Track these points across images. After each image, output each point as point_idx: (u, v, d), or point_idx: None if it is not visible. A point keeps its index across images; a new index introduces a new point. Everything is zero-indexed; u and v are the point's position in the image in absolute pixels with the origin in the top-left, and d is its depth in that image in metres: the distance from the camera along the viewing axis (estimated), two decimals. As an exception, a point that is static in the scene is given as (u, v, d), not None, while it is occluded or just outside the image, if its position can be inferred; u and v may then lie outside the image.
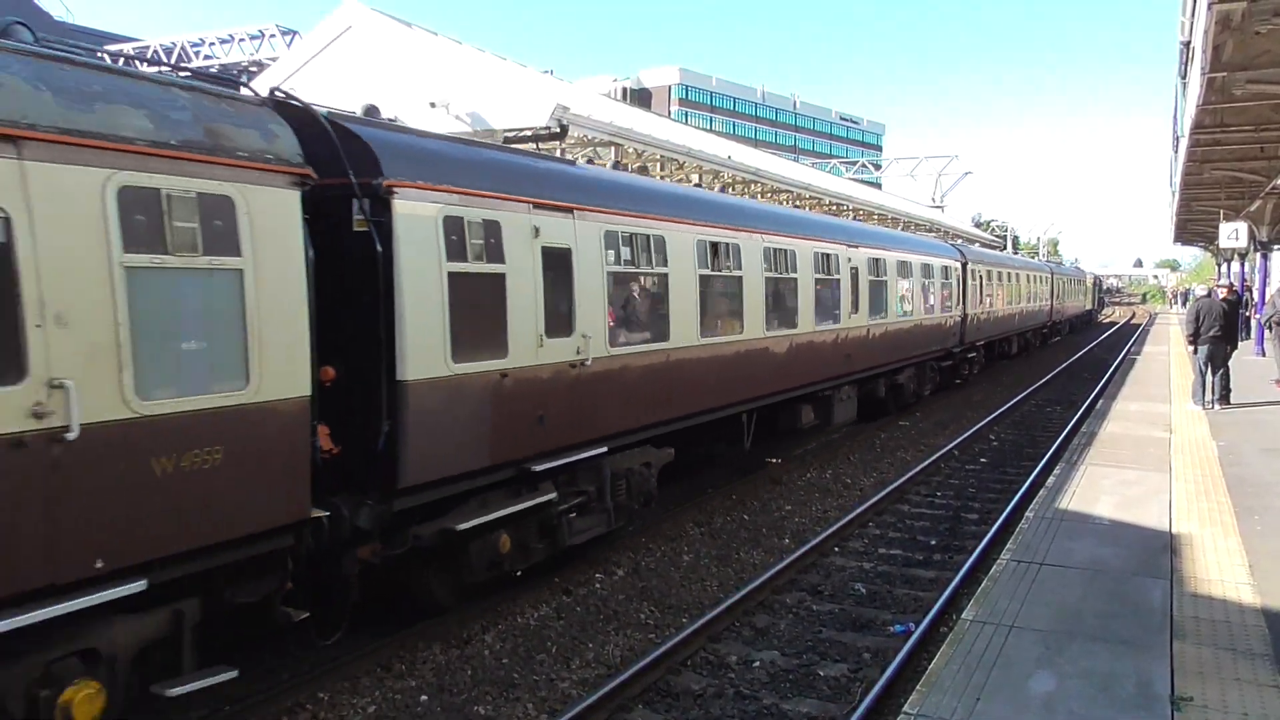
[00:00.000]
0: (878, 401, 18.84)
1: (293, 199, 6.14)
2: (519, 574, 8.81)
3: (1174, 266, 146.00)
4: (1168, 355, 29.05)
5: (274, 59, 28.95)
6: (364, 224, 6.89)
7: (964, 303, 24.24)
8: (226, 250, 5.68)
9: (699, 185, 22.12)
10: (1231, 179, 21.67)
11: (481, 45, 22.54)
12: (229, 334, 5.74)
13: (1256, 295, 28.83)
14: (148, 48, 35.82)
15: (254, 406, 5.86)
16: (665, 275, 10.60)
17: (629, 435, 9.97)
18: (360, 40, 19.16)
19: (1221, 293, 17.16)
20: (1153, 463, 12.04)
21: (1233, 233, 24.83)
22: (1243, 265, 33.98)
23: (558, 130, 11.89)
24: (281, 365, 6.02)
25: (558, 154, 10.02)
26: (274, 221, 5.97)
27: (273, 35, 34.88)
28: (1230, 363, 16.76)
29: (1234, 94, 12.37)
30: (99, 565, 5.08)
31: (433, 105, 17.09)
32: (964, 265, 24.47)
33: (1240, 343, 20.67)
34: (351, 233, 6.90)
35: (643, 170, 21.15)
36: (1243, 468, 11.64)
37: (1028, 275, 36.00)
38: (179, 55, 35.33)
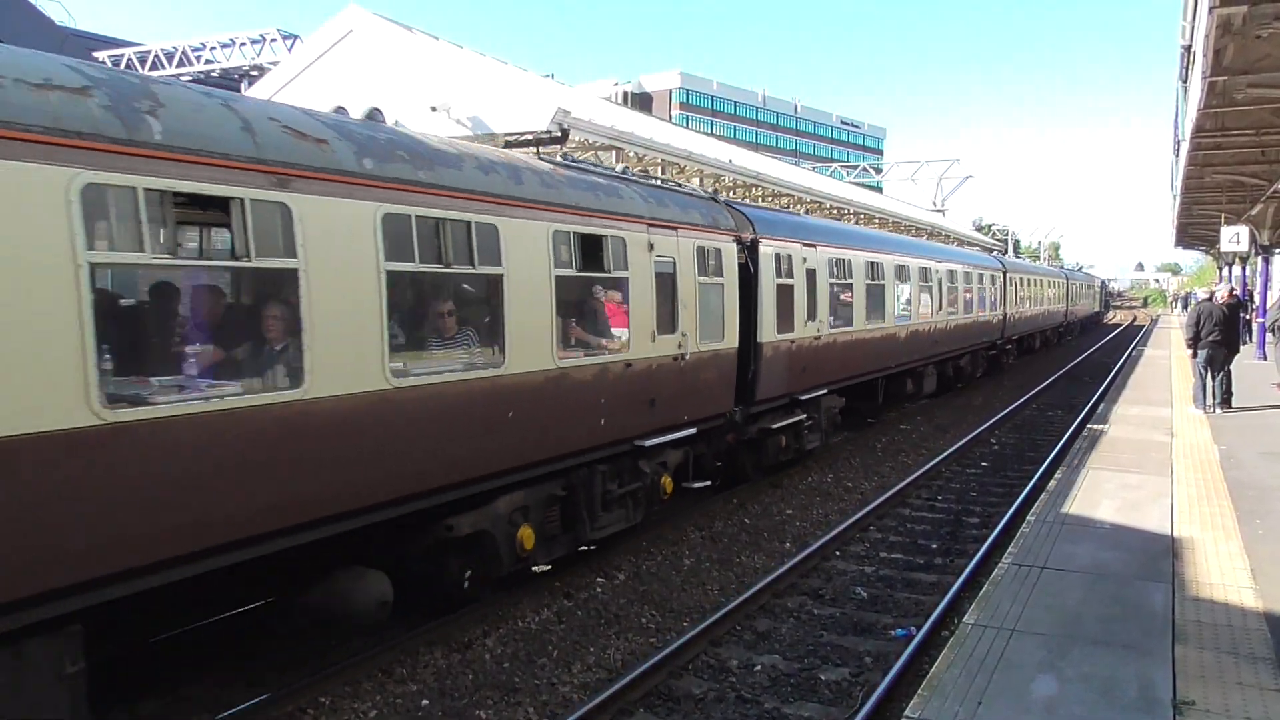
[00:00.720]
0: (946, 379, 24.25)
1: (734, 246, 12.16)
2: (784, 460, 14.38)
3: (1175, 270, 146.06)
4: (1169, 359, 29.02)
5: (275, 63, 28.97)
6: (744, 257, 12.41)
7: (1004, 304, 30.23)
8: (719, 274, 11.70)
9: (700, 188, 22.10)
10: (1232, 183, 21.66)
11: (482, 49, 22.58)
12: (718, 315, 11.66)
13: (1258, 299, 28.77)
14: (149, 52, 35.87)
15: (725, 350, 11.89)
16: (850, 284, 16.47)
17: (831, 384, 15.69)
18: (361, 44, 19.16)
19: (1221, 296, 17.12)
20: (1154, 467, 12.04)
21: (1234, 236, 24.81)
22: (1244, 269, 33.94)
23: (558, 134, 11.92)
24: (731, 331, 11.98)
25: (558, 158, 10.12)
26: (730, 259, 12.01)
27: (273, 40, 34.85)
28: (1232, 367, 16.74)
29: (1235, 98, 12.38)
30: (685, 418, 10.92)
31: (433, 109, 17.10)
32: (1004, 274, 30.53)
33: (1242, 346, 20.60)
34: (736, 263, 12.21)
35: (643, 174, 21.13)
36: (1244, 472, 11.63)
37: (1048, 281, 42.51)
38: (180, 59, 35.36)
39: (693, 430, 11.07)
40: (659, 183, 11.94)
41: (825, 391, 15.20)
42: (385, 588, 7.16)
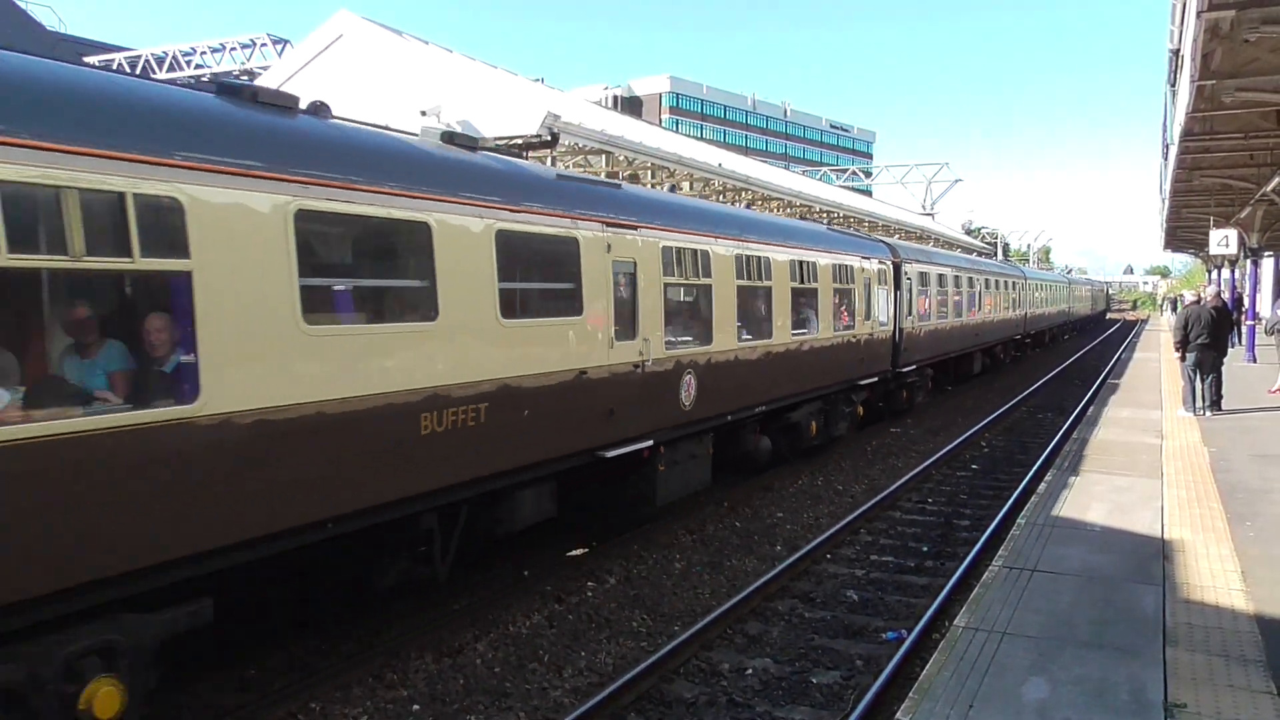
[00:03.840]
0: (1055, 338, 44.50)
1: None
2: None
3: (1164, 273, 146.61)
4: (1159, 362, 29.13)
5: (265, 68, 28.89)
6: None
7: (1068, 302, 52.77)
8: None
9: (690, 193, 22.15)
10: (1221, 186, 21.76)
11: (472, 54, 22.54)
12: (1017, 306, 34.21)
13: (1247, 302, 28.89)
14: (139, 56, 35.76)
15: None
16: (1049, 296, 38.93)
17: (1051, 328, 43.93)
18: (351, 49, 19.09)
19: (1208, 299, 17.16)
20: (1144, 469, 12.06)
21: (1223, 239, 24.90)
22: (1233, 272, 34.11)
23: (548, 138, 11.89)
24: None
25: (549, 162, 10.08)
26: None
27: (264, 45, 34.80)
28: (1223, 369, 16.80)
29: (1223, 101, 12.40)
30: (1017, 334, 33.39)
31: (423, 113, 17.05)
32: (1069, 285, 53.55)
33: (1231, 349, 20.68)
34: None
35: (633, 178, 21.12)
36: (1234, 474, 11.66)
37: (1083, 288, 64.31)
38: (170, 64, 35.27)
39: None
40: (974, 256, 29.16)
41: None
42: None
